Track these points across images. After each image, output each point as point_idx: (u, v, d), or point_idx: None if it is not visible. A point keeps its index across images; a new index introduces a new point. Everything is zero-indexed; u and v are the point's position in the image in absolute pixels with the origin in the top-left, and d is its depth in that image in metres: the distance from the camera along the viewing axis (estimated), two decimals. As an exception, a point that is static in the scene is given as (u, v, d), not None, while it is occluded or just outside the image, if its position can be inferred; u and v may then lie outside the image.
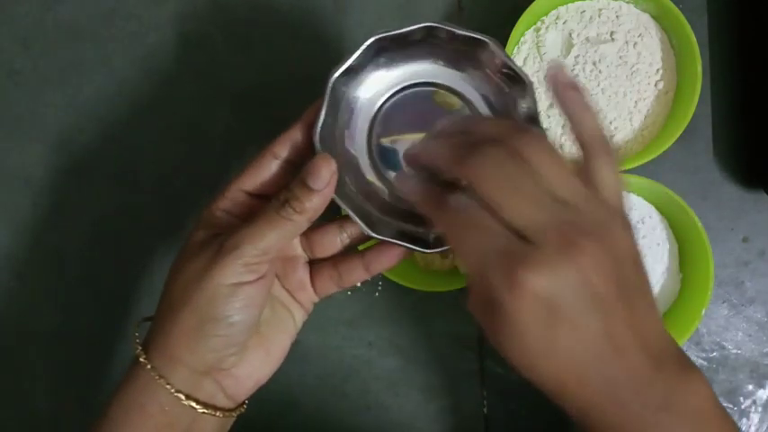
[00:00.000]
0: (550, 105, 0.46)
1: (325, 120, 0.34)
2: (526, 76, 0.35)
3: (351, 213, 0.34)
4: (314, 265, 0.37)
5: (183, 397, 0.33)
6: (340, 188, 0.34)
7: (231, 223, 0.34)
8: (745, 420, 0.48)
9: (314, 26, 0.50)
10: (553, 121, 0.46)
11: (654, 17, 0.47)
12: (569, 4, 0.47)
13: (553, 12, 0.47)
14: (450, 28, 0.34)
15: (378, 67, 0.36)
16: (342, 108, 0.35)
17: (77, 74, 0.51)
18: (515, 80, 0.35)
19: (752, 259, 0.49)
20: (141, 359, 0.33)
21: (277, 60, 0.50)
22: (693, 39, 0.44)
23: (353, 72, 0.35)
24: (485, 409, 0.49)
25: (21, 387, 0.50)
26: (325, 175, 0.32)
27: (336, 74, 0.33)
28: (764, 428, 0.48)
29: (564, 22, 0.47)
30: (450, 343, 0.49)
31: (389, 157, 0.37)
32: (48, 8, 0.51)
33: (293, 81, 0.50)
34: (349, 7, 0.50)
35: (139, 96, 0.51)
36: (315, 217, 0.33)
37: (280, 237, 0.32)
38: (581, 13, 0.47)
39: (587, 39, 0.46)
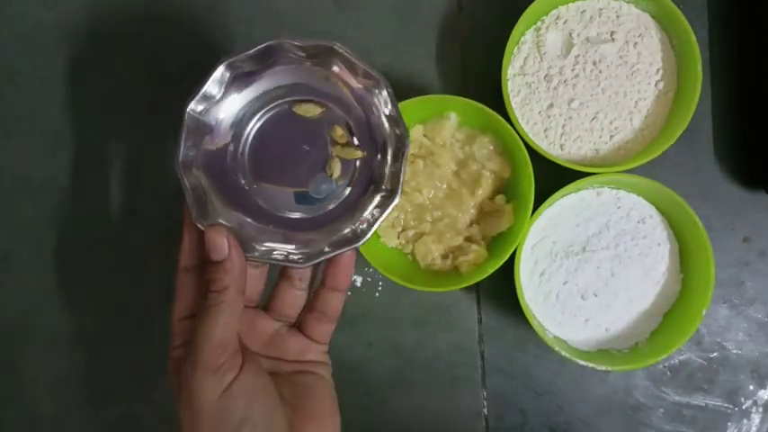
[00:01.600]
0: (550, 105, 0.46)
1: (198, 194, 0.34)
2: (378, 74, 0.36)
3: (276, 263, 0.35)
4: (299, 323, 0.37)
5: None
6: (248, 245, 0.34)
7: None
8: (745, 421, 0.48)
9: (314, 26, 0.50)
10: (553, 122, 0.46)
11: (654, 17, 0.47)
12: (570, 4, 0.47)
13: (553, 11, 0.47)
14: (295, 42, 0.35)
15: (237, 91, 0.36)
16: (217, 160, 0.36)
17: (77, 74, 0.51)
18: (373, 78, 0.36)
19: (752, 259, 0.49)
20: None
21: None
22: (694, 39, 0.44)
23: (211, 107, 0.36)
24: (485, 410, 0.49)
25: (21, 387, 0.50)
26: (220, 243, 0.32)
27: (179, 157, 0.35)
28: (765, 429, 0.48)
29: (564, 22, 0.47)
30: (449, 343, 0.49)
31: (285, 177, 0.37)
32: (48, 8, 0.51)
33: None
34: (349, 7, 0.50)
35: (139, 96, 0.51)
36: (242, 285, 0.33)
37: (224, 324, 0.31)
38: (581, 12, 0.47)
39: (587, 38, 0.46)
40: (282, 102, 0.37)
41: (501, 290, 0.49)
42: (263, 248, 0.35)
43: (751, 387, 0.49)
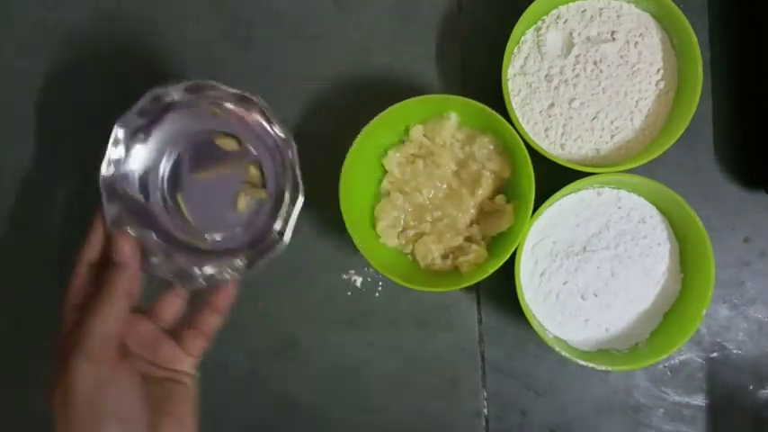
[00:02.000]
0: (551, 105, 0.46)
1: (114, 211, 0.39)
2: (285, 131, 0.41)
3: (168, 278, 0.39)
4: (176, 334, 0.40)
5: None
6: (147, 255, 0.39)
7: None
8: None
9: (314, 26, 0.50)
10: (554, 121, 0.46)
11: (655, 17, 0.47)
12: (570, 4, 0.47)
13: (554, 11, 0.47)
14: (220, 85, 0.39)
15: (161, 120, 0.41)
16: (130, 186, 0.41)
17: (77, 74, 0.51)
18: (285, 135, 0.41)
19: (753, 259, 0.49)
20: None
21: (277, 60, 0.50)
22: (694, 39, 0.44)
23: (137, 130, 0.41)
24: (485, 410, 0.49)
25: (20, 387, 0.50)
26: (126, 248, 0.37)
27: (103, 172, 0.40)
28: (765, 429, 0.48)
29: (565, 22, 0.47)
30: (449, 343, 0.49)
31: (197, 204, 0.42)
32: (48, 8, 0.51)
33: (294, 80, 0.50)
34: (349, 7, 0.50)
35: (139, 96, 0.50)
36: (134, 290, 0.37)
37: (113, 320, 0.35)
38: (582, 12, 0.47)
39: (588, 38, 0.46)
40: (203, 131, 0.42)
41: (501, 290, 0.49)
42: (158, 261, 0.40)
43: (751, 387, 0.48)
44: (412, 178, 0.47)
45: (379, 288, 0.50)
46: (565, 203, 0.46)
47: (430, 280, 0.46)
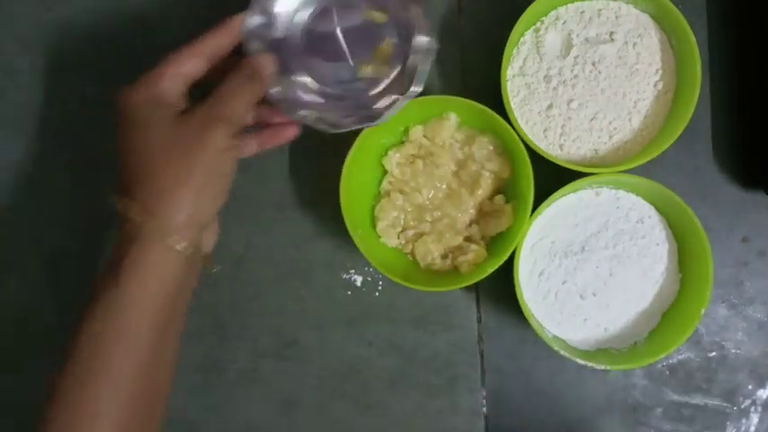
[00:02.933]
0: (549, 106, 0.46)
1: (256, 22, 0.42)
2: (430, 42, 0.42)
3: (278, 100, 0.42)
4: None
5: (193, 251, 0.38)
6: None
7: (178, 100, 0.40)
8: (744, 420, 0.49)
9: (314, 26, 0.50)
10: (552, 122, 0.46)
11: (653, 17, 0.47)
12: (569, 5, 0.47)
13: (553, 12, 0.47)
14: None
15: None
16: (272, 17, 0.43)
17: (78, 74, 0.51)
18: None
19: (751, 259, 0.49)
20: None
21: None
22: (693, 39, 0.44)
23: None
24: (484, 408, 0.49)
25: (21, 387, 0.50)
26: (269, 68, 0.41)
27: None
28: (764, 428, 0.49)
29: (563, 23, 0.47)
30: (449, 342, 0.49)
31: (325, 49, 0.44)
32: (48, 8, 0.51)
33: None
34: (349, 7, 0.50)
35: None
36: (257, 99, 0.41)
37: (245, 107, 0.40)
38: (580, 13, 0.47)
39: (587, 39, 0.46)
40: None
41: (500, 289, 0.49)
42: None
43: (750, 386, 0.49)
44: (412, 178, 0.47)
45: (379, 287, 0.50)
46: (563, 203, 0.46)
47: (429, 279, 0.46)
